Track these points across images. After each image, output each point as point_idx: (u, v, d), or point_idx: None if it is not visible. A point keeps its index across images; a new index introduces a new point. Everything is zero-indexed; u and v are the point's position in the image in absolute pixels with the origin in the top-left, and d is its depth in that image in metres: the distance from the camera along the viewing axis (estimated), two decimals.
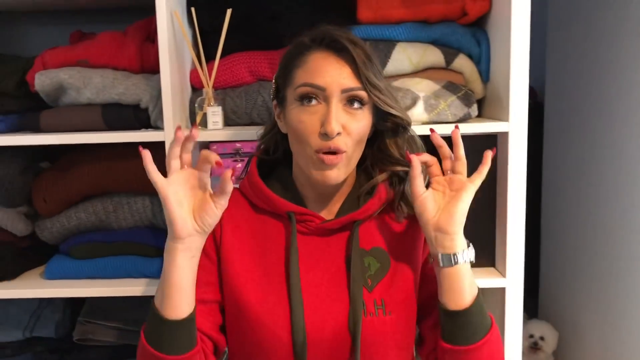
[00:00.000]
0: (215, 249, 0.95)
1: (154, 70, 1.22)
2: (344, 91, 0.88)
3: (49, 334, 1.39)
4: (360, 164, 0.98)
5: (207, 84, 1.24)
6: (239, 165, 1.40)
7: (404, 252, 0.97)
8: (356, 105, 0.90)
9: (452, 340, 0.88)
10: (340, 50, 0.89)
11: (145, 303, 1.34)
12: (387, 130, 0.97)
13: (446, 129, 1.21)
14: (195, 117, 1.27)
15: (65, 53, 1.26)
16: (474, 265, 1.30)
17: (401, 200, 0.97)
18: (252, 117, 1.29)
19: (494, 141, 1.25)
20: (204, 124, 1.24)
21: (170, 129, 1.18)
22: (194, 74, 1.29)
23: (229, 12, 1.22)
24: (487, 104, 1.34)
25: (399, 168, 0.96)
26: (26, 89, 1.28)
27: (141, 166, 1.29)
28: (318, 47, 0.91)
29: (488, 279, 1.24)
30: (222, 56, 1.28)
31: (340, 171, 0.90)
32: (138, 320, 1.37)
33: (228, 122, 1.30)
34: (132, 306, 1.37)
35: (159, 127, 1.22)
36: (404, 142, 0.98)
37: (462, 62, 1.30)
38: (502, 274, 1.24)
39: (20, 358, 1.37)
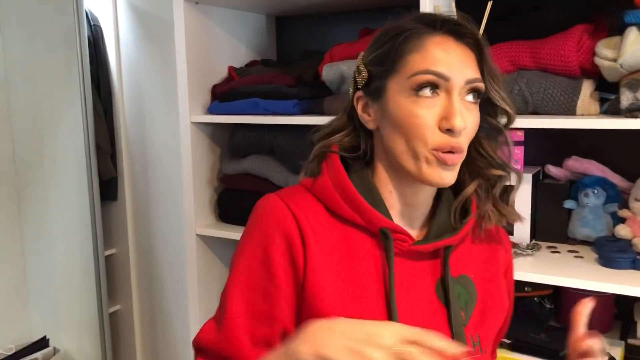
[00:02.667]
0: (293, 269, 0.79)
1: None
2: (467, 82, 0.78)
3: None
4: None
5: None
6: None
7: (490, 280, 0.89)
8: (473, 98, 0.80)
9: None
10: (462, 36, 0.80)
11: None
12: (484, 130, 0.85)
13: None
14: None
15: (347, 48, 1.48)
16: None
17: (493, 207, 0.87)
18: None
19: None
20: None
21: None
22: None
23: (489, 4, 1.27)
24: None
25: (498, 172, 0.86)
26: (318, 79, 1.54)
27: None
28: (437, 31, 0.80)
29: None
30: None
31: (455, 173, 0.80)
32: None
33: None
34: None
35: None
36: (498, 145, 0.87)
37: None
38: None
39: None
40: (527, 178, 1.41)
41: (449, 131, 0.76)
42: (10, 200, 2.44)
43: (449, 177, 0.79)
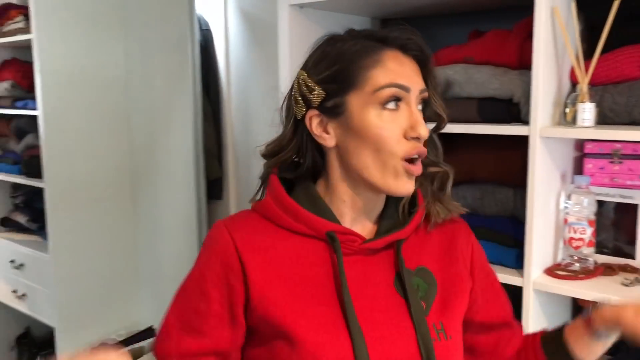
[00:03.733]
0: (226, 290, 0.85)
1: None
2: (421, 92, 0.84)
3: None
4: None
5: (582, 80, 1.20)
6: (616, 167, 1.31)
7: (450, 268, 0.92)
8: (421, 107, 0.85)
9: None
10: (409, 49, 0.84)
11: None
12: None
13: None
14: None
15: (453, 52, 1.41)
16: None
17: (438, 202, 0.91)
18: (633, 116, 1.19)
19: None
20: (573, 121, 1.21)
21: (537, 124, 1.20)
22: (573, 70, 1.27)
23: (615, 3, 1.15)
24: None
25: (434, 169, 0.91)
26: None
27: (509, 159, 1.35)
28: (389, 46, 0.83)
29: None
30: (610, 50, 1.23)
31: (415, 181, 0.85)
32: None
33: (605, 120, 1.23)
34: None
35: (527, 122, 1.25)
36: (434, 144, 0.93)
37: None
38: None
39: None
40: None
41: (415, 139, 0.82)
42: (126, 197, 2.59)
43: (412, 187, 0.84)
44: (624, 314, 0.83)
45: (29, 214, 2.88)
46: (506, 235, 1.35)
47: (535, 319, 1.27)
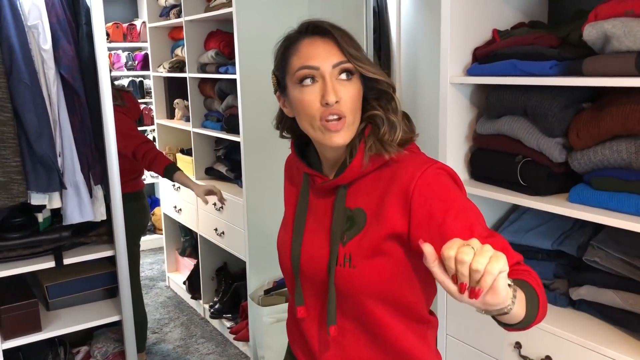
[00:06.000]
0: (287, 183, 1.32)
1: None
2: (334, 66, 1.07)
3: (570, 251, 1.63)
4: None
5: None
6: None
7: (381, 210, 1.08)
8: (345, 76, 1.08)
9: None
10: (324, 33, 1.09)
11: None
12: (373, 96, 1.13)
13: None
14: None
15: (615, 5, 1.40)
16: None
17: (378, 142, 1.09)
18: None
19: None
20: None
21: None
22: None
23: None
24: None
25: (375, 112, 1.11)
26: (578, 39, 1.50)
27: None
28: (305, 35, 1.11)
29: None
30: None
31: (345, 134, 1.08)
32: None
33: None
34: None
35: None
36: (385, 104, 1.13)
37: None
38: None
39: (545, 264, 1.66)
40: None
41: (327, 104, 1.06)
42: None
43: (338, 139, 1.08)
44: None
45: (228, 165, 3.35)
46: None
47: None
